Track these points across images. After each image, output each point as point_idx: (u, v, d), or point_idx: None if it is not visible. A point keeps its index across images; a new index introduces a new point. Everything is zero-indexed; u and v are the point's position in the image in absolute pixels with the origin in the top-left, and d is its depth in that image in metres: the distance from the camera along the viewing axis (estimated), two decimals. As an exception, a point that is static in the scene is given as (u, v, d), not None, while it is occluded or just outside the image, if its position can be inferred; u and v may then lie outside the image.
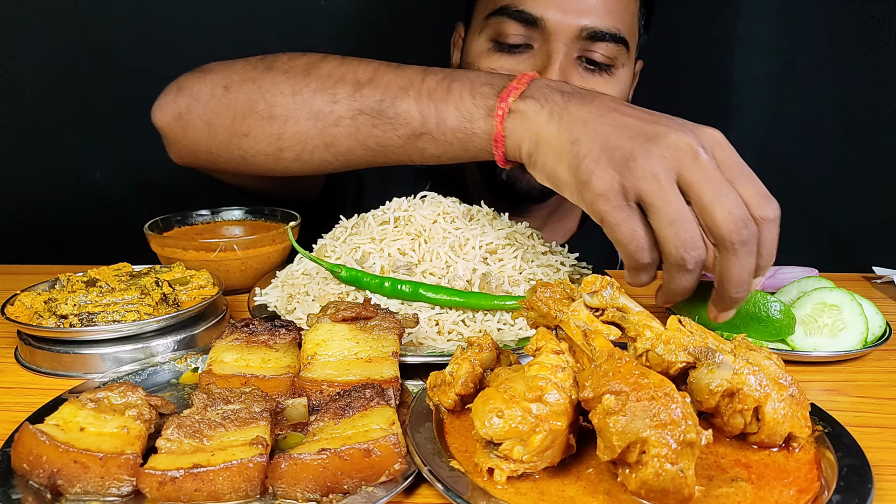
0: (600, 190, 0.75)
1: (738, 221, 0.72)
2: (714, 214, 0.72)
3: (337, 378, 0.72)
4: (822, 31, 1.67)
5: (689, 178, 0.73)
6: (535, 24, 1.16)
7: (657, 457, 0.52)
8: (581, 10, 1.15)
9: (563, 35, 1.16)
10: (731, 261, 0.74)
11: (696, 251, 0.74)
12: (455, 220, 0.99)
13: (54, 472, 0.57)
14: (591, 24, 1.16)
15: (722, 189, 0.73)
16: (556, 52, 1.16)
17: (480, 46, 1.24)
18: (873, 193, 1.74)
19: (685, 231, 0.73)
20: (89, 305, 0.83)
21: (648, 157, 0.73)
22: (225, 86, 0.99)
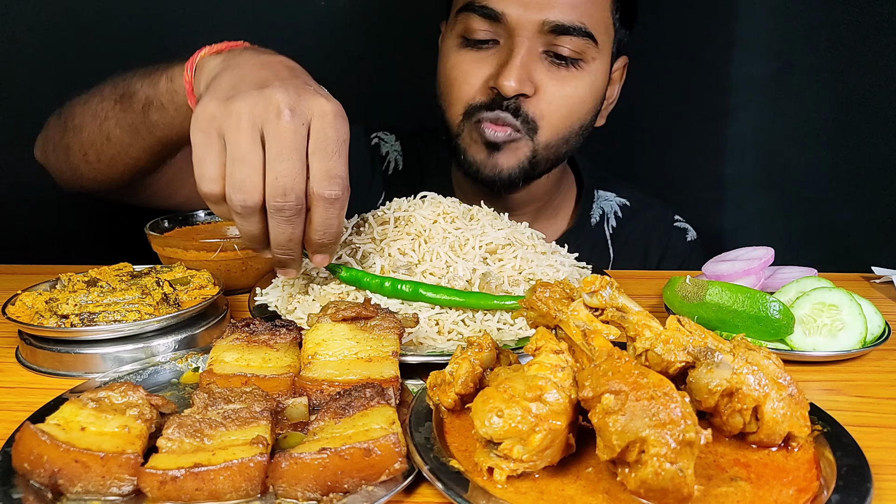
0: (197, 113, 0.77)
1: (278, 188, 0.75)
2: (266, 173, 0.75)
3: (337, 378, 0.72)
4: (821, 31, 1.67)
5: (265, 133, 0.75)
6: (497, 19, 1.19)
7: (656, 456, 0.53)
8: (543, 4, 1.17)
9: (525, 29, 1.18)
10: (270, 221, 0.78)
11: (242, 195, 0.75)
12: (455, 220, 1.00)
13: (55, 472, 0.57)
14: (552, 18, 1.17)
15: (283, 153, 0.74)
16: (518, 46, 1.18)
17: (451, 42, 1.27)
18: (872, 193, 1.74)
19: (240, 172, 0.75)
20: (90, 305, 0.83)
21: (244, 100, 0.75)
22: (59, 113, 1.16)
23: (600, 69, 1.26)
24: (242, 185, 0.75)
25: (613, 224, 1.49)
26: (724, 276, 1.01)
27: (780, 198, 1.80)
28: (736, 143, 1.78)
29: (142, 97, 1.00)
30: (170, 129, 1.01)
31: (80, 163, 1.12)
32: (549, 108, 1.22)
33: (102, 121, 1.06)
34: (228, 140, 0.75)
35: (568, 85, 1.22)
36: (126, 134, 1.04)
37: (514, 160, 1.25)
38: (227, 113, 0.75)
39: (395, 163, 1.50)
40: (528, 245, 1.01)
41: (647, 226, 1.51)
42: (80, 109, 1.09)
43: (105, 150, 1.08)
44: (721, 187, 1.82)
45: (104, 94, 1.06)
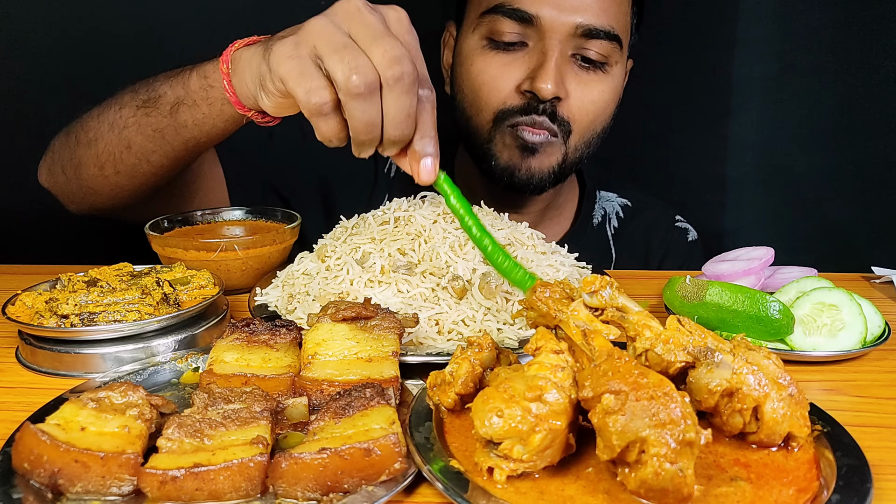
0: (275, 53, 0.79)
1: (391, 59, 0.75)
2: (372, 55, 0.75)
3: (337, 378, 0.72)
4: (822, 32, 1.67)
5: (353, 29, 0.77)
6: (529, 21, 1.17)
7: (656, 456, 0.53)
8: (576, 7, 1.16)
9: (557, 33, 1.17)
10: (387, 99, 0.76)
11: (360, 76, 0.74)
12: (455, 220, 1.00)
13: (55, 472, 0.57)
14: (585, 22, 1.17)
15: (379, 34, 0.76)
16: (551, 49, 1.17)
17: (474, 44, 1.25)
18: (872, 194, 1.74)
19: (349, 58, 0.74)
20: (90, 305, 0.83)
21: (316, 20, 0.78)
22: (66, 131, 1.14)
23: (621, 72, 1.27)
24: (357, 67, 0.74)
25: (615, 224, 1.50)
26: (724, 276, 1.01)
27: (781, 198, 1.80)
28: (737, 143, 1.78)
29: (171, 98, 1.00)
30: (200, 128, 1.01)
31: (94, 177, 1.11)
32: (578, 112, 1.23)
33: (122, 129, 1.05)
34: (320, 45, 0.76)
35: (594, 89, 1.23)
36: (149, 140, 1.04)
37: (546, 164, 1.26)
38: (307, 32, 0.77)
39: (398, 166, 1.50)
40: (528, 245, 1.01)
41: (649, 226, 1.51)
42: (95, 122, 1.08)
43: (124, 160, 1.07)
44: (722, 187, 1.82)
45: (123, 102, 1.05)
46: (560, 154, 1.26)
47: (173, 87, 1.00)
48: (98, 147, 1.07)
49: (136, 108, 1.03)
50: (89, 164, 1.10)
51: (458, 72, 1.30)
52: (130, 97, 1.05)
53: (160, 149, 1.05)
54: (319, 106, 0.77)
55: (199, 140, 1.03)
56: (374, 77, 0.75)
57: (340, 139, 0.81)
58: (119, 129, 1.05)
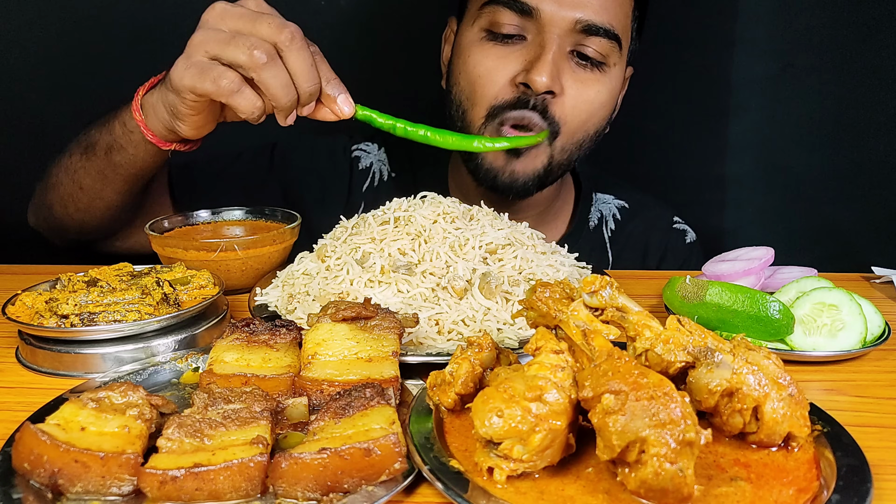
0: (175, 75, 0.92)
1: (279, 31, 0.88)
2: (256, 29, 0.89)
3: (337, 378, 0.72)
4: (822, 31, 1.67)
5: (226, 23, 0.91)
6: (529, 14, 1.18)
7: (656, 456, 0.53)
8: (577, 3, 1.17)
9: (557, 27, 1.17)
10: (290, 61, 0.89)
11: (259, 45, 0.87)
12: (455, 220, 1.00)
13: (55, 472, 0.57)
14: (585, 18, 1.17)
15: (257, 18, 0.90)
16: (550, 42, 1.17)
17: (473, 36, 1.25)
18: (872, 193, 1.74)
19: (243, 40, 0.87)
20: (90, 305, 0.83)
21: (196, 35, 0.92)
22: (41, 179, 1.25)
23: (619, 75, 1.27)
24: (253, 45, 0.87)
25: (612, 227, 1.49)
26: (724, 276, 1.01)
27: (781, 198, 1.80)
28: (737, 143, 1.78)
29: (103, 145, 1.11)
30: (133, 165, 1.10)
31: (62, 216, 1.22)
32: (571, 111, 1.22)
33: (73, 173, 1.16)
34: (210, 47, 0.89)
35: (591, 88, 1.22)
36: (95, 180, 1.14)
37: (530, 167, 1.25)
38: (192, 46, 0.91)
39: (380, 173, 1.48)
40: (528, 245, 1.01)
41: (646, 227, 1.50)
42: (55, 169, 1.20)
43: (80, 199, 1.17)
44: (722, 187, 1.82)
45: (72, 150, 1.17)
46: (545, 156, 1.24)
47: (102, 134, 1.11)
48: (59, 191, 1.19)
49: (80, 155, 1.15)
50: (55, 206, 1.22)
51: (455, 64, 1.30)
52: (76, 145, 1.16)
53: (105, 186, 1.14)
54: (230, 85, 0.88)
55: (135, 175, 1.13)
56: (270, 46, 0.88)
57: (260, 109, 0.91)
58: (71, 173, 1.16)
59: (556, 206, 1.46)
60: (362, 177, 1.48)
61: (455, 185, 1.43)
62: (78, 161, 1.15)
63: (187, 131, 1.00)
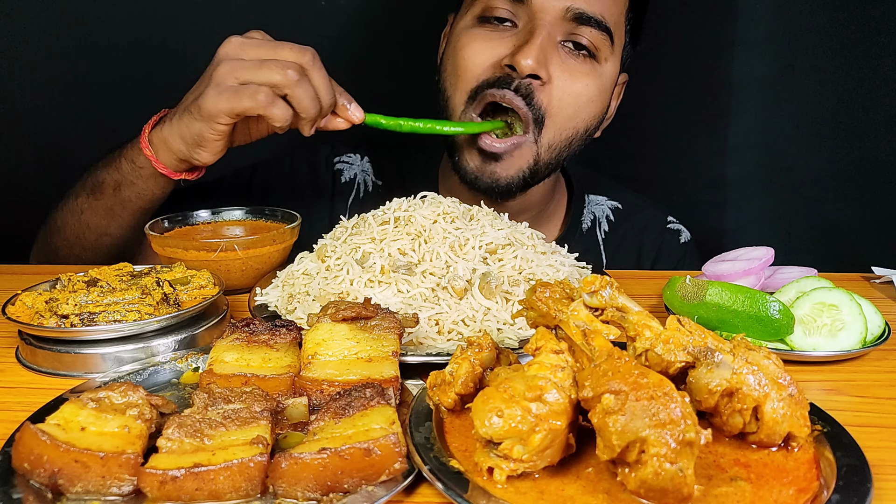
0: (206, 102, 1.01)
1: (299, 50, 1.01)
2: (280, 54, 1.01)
3: (337, 378, 0.72)
4: (821, 32, 1.67)
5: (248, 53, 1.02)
6: (521, 0, 1.18)
7: (656, 456, 0.53)
8: None
9: (548, 13, 1.18)
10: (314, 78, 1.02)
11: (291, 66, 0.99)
12: (455, 220, 1.00)
13: (55, 472, 0.57)
14: (576, 6, 1.17)
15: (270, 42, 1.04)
16: (539, 28, 1.17)
17: (465, 24, 1.25)
18: (872, 193, 1.74)
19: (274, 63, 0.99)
20: (90, 305, 0.83)
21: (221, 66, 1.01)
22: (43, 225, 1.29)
23: (611, 72, 1.26)
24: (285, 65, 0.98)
25: (606, 229, 1.48)
26: (724, 276, 1.01)
27: (781, 198, 1.80)
28: (737, 143, 1.78)
29: (111, 182, 1.15)
30: (142, 198, 1.15)
31: (68, 258, 1.25)
32: (558, 101, 1.20)
33: (79, 214, 1.19)
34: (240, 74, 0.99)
35: (580, 80, 1.21)
36: (102, 218, 1.18)
37: (514, 168, 1.23)
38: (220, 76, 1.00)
39: (365, 184, 1.48)
40: (528, 245, 1.01)
41: (640, 228, 1.49)
42: (60, 213, 1.23)
43: (87, 238, 1.21)
44: (722, 188, 1.82)
45: (77, 192, 1.21)
46: (531, 156, 1.22)
47: (110, 173, 1.15)
48: (66, 233, 1.22)
49: (87, 196, 1.18)
50: (62, 248, 1.25)
51: (446, 53, 1.30)
52: (81, 187, 1.20)
53: (113, 223, 1.18)
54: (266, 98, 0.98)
55: (143, 207, 1.17)
56: (298, 66, 0.99)
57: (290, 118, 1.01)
58: (77, 214, 1.20)
59: (549, 208, 1.45)
60: (346, 190, 1.47)
61: (445, 188, 1.41)
62: (85, 201, 1.19)
63: (206, 157, 1.07)
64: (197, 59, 1.09)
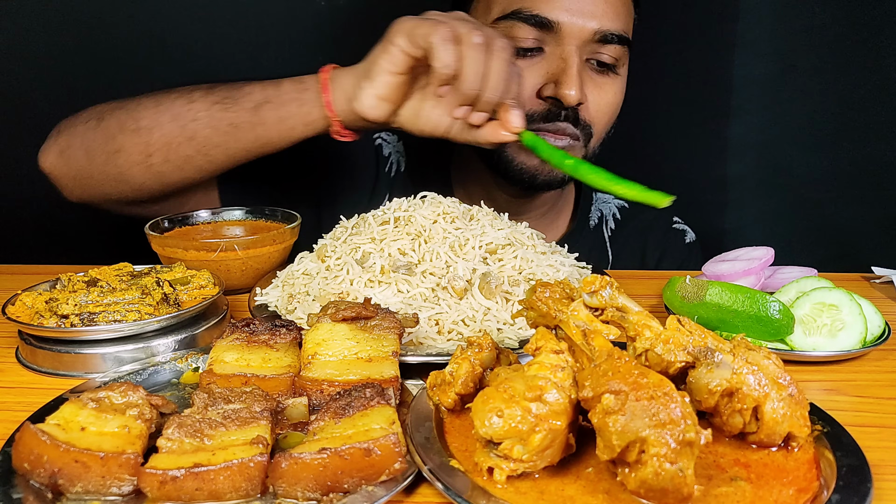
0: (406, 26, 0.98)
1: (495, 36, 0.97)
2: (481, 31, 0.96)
3: (337, 378, 0.72)
4: (822, 33, 1.67)
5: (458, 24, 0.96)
6: (549, 27, 1.18)
7: (656, 456, 0.53)
8: (593, 13, 1.18)
9: (576, 38, 1.18)
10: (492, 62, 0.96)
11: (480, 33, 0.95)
12: (455, 220, 1.00)
13: (55, 472, 0.57)
14: (603, 28, 1.18)
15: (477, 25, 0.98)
16: (571, 55, 1.18)
17: None
18: (872, 194, 1.74)
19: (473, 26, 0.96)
20: (90, 305, 0.83)
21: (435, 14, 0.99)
22: (98, 118, 1.14)
23: (625, 74, 1.29)
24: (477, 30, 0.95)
25: (612, 226, 1.50)
26: (724, 276, 1.01)
27: (781, 198, 1.80)
28: (737, 143, 1.78)
29: (257, 97, 1.08)
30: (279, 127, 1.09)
31: (134, 164, 1.12)
32: (596, 114, 1.25)
33: (189, 122, 1.09)
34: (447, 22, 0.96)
35: (608, 92, 1.25)
36: (219, 133, 1.09)
37: None
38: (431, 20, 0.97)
39: (398, 164, 1.51)
40: (528, 245, 1.01)
41: (645, 227, 1.51)
42: (151, 112, 1.10)
43: (181, 151, 1.10)
44: (722, 188, 1.82)
45: (193, 97, 1.10)
46: (580, 155, 1.26)
47: (264, 87, 1.08)
48: (152, 135, 1.09)
49: (213, 104, 1.08)
50: (133, 152, 1.11)
51: None
52: (204, 94, 1.10)
53: (226, 143, 1.10)
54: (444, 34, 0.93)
55: (270, 140, 1.10)
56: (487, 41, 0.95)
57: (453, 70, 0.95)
58: (186, 121, 1.08)
59: (558, 205, 1.48)
60: (385, 164, 1.50)
61: (459, 183, 1.45)
62: (203, 110, 1.09)
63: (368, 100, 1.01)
64: (197, 59, 1.09)
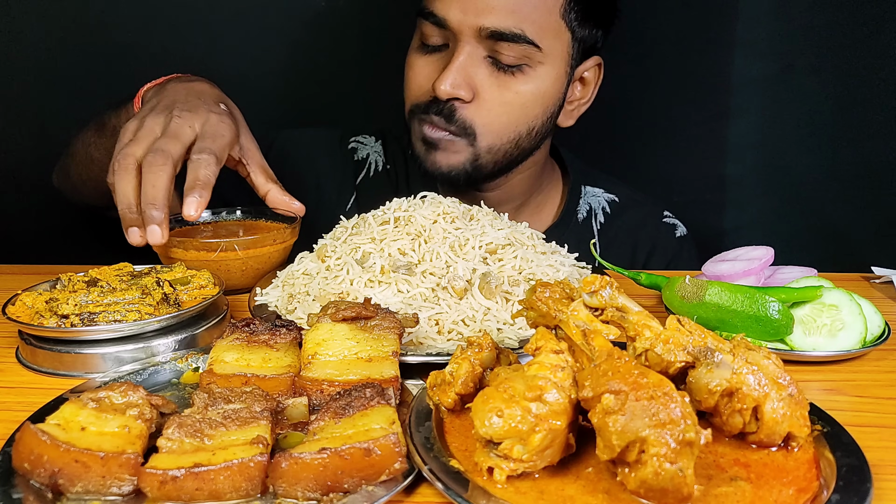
0: None
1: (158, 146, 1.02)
2: None
3: (337, 377, 0.72)
4: (821, 32, 1.67)
5: None
6: (443, 24, 1.22)
7: (656, 456, 0.53)
8: (480, 9, 1.19)
9: (465, 34, 1.21)
10: None
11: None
12: (455, 220, 1.00)
13: (55, 472, 0.57)
14: (489, 24, 1.19)
15: None
16: (459, 50, 1.21)
17: (413, 45, 1.33)
18: (872, 194, 1.74)
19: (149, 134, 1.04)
20: (90, 305, 0.83)
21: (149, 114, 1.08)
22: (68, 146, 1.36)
23: (549, 74, 1.26)
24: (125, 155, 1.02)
25: (601, 220, 1.49)
26: (724, 276, 1.01)
27: (781, 198, 1.80)
28: (737, 144, 1.78)
29: (111, 126, 1.21)
30: None
31: (77, 183, 1.34)
32: (488, 114, 1.25)
33: (87, 147, 1.26)
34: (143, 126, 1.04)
35: (509, 91, 1.24)
36: (104, 156, 1.19)
37: (453, 160, 1.29)
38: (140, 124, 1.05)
39: (376, 164, 1.53)
40: (528, 245, 1.01)
41: (636, 222, 1.51)
42: (76, 140, 1.31)
43: (92, 170, 1.26)
44: (722, 188, 1.82)
45: (88, 126, 1.27)
46: (467, 154, 1.28)
47: (112, 117, 1.21)
48: (77, 160, 1.31)
49: (94, 132, 1.25)
50: (73, 173, 1.34)
51: None
52: (93, 122, 1.27)
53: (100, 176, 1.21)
54: None
55: None
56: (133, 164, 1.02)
57: None
58: (86, 146, 1.27)
59: (537, 199, 1.48)
60: (357, 168, 1.53)
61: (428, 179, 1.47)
62: (91, 136, 1.25)
63: None
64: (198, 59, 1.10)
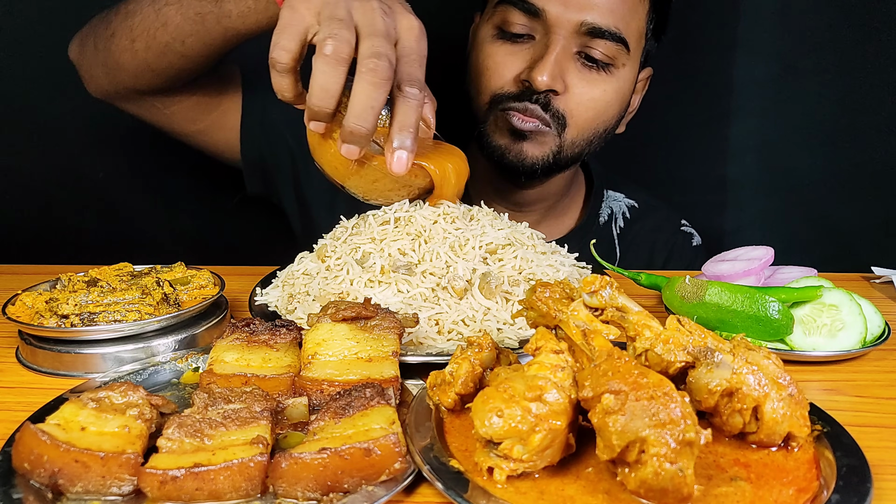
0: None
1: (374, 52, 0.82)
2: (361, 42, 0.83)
3: (337, 377, 0.72)
4: (823, 34, 1.67)
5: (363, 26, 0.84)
6: (537, 15, 1.20)
7: (656, 456, 0.53)
8: (583, 5, 1.19)
9: (562, 28, 1.19)
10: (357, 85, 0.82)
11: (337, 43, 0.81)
12: (455, 220, 1.00)
13: (55, 472, 0.57)
14: (591, 20, 1.19)
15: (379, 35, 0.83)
16: (554, 43, 1.20)
17: (486, 33, 1.29)
18: (873, 194, 1.74)
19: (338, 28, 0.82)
20: (90, 305, 0.83)
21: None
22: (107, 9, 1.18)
23: (629, 76, 1.28)
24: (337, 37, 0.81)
25: (621, 224, 1.52)
26: (724, 276, 1.01)
27: (781, 199, 1.80)
28: (738, 144, 1.78)
29: None
30: (241, 20, 1.04)
31: (123, 50, 1.13)
32: (577, 107, 1.25)
33: (162, 6, 1.08)
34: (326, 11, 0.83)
35: (597, 88, 1.25)
36: (188, 22, 1.06)
37: (539, 151, 1.28)
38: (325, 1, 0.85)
39: None
40: (528, 245, 1.01)
41: (654, 228, 1.53)
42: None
43: (157, 38, 1.09)
44: (723, 189, 1.82)
45: None
46: (554, 145, 1.27)
47: None
48: (135, 19, 1.10)
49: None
50: (122, 36, 1.12)
51: (470, 57, 1.34)
52: None
53: (196, 33, 1.08)
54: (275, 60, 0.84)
55: (237, 31, 1.06)
56: (346, 53, 0.82)
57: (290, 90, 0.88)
58: (160, 5, 1.08)
59: (564, 201, 1.49)
60: None
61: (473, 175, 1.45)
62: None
63: None
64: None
